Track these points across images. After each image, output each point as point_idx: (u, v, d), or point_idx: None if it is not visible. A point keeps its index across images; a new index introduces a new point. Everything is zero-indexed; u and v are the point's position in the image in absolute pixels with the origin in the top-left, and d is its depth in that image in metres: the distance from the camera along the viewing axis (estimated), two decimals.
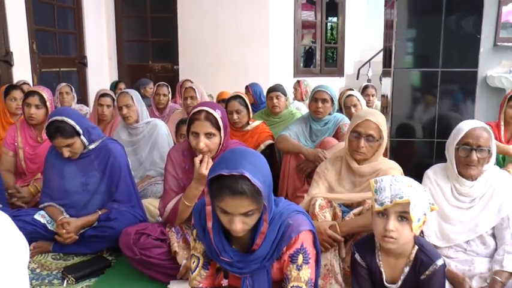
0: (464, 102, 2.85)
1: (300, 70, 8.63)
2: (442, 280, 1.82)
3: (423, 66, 2.84)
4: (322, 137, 3.65)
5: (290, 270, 1.72)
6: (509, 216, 2.28)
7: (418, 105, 2.89)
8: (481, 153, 2.28)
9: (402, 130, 2.92)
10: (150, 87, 6.53)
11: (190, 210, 2.42)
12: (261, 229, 1.68)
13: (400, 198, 1.70)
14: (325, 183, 2.54)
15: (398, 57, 2.85)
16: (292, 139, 3.61)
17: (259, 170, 1.59)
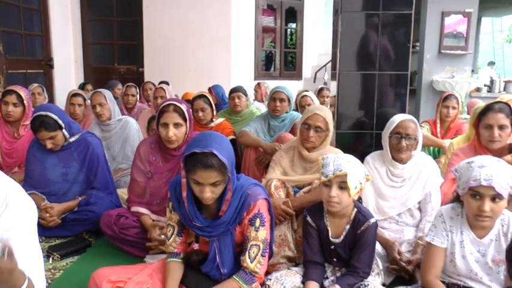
0: (397, 100, 3.35)
1: (261, 73, 9.00)
2: (373, 234, 2.28)
3: (363, 69, 3.33)
4: (280, 132, 4.06)
5: (250, 232, 2.13)
6: (431, 192, 2.78)
7: (359, 102, 3.38)
8: (409, 141, 2.76)
9: (346, 123, 3.41)
10: (118, 88, 6.80)
11: None
12: (226, 197, 2.08)
13: (339, 171, 2.15)
14: (280, 168, 2.95)
15: (342, 62, 3.32)
16: (252, 134, 4.01)
17: (224, 148, 2.00)
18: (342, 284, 2.19)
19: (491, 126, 2.80)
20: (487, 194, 1.95)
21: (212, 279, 2.21)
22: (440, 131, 4.62)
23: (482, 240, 2.10)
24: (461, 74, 7.71)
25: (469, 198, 2.02)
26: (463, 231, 2.13)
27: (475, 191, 1.97)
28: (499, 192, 1.91)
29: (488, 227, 2.07)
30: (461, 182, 2.05)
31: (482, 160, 2.00)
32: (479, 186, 1.94)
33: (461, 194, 2.08)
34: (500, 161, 2.02)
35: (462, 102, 4.82)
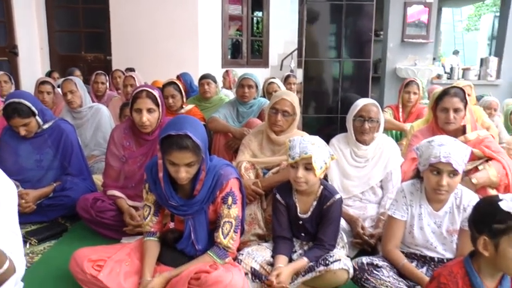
0: (361, 85, 3.53)
1: (228, 61, 9.05)
2: (338, 209, 2.46)
3: (328, 56, 3.49)
4: (248, 118, 4.20)
5: (222, 210, 2.27)
6: (392, 171, 2.99)
7: (324, 87, 3.55)
8: (372, 123, 2.95)
9: (312, 108, 3.57)
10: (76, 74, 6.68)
11: None
12: (200, 177, 2.21)
13: (305, 153, 2.30)
14: (250, 151, 3.09)
15: (308, 49, 3.47)
16: (222, 120, 4.13)
17: (198, 131, 2.12)
18: (309, 257, 2.35)
19: (447, 110, 2.98)
20: (445, 169, 2.14)
21: (187, 256, 2.33)
22: (402, 116, 4.84)
23: (438, 212, 2.29)
24: (423, 62, 8.00)
25: (429, 173, 2.21)
26: (422, 204, 2.32)
27: (435, 167, 2.16)
28: (456, 169, 2.11)
29: (444, 200, 2.27)
30: (422, 159, 2.24)
31: (441, 139, 2.19)
32: (438, 162, 2.13)
33: (421, 170, 2.27)
34: (456, 141, 2.22)
35: (423, 88, 5.05)
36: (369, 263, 2.27)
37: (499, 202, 1.61)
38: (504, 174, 2.83)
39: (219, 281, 2.05)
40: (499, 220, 1.60)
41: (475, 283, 1.70)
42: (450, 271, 1.76)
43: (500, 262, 1.64)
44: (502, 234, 1.60)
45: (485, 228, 1.65)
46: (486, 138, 3.01)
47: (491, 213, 1.64)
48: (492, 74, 8.85)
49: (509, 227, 1.58)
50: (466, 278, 1.72)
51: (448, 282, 1.73)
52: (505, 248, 1.60)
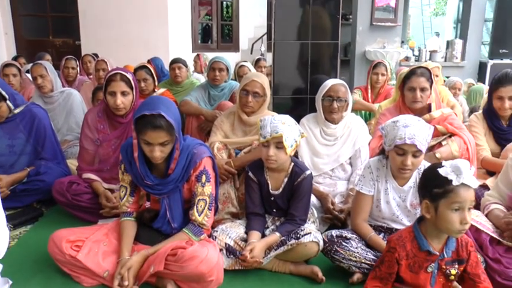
0: (329, 66, 3.62)
1: (198, 45, 9.06)
2: (309, 185, 2.55)
3: (297, 39, 3.57)
4: (220, 101, 4.25)
5: (197, 188, 2.34)
6: (360, 149, 3.11)
7: (294, 69, 3.63)
8: (340, 103, 3.04)
9: (283, 89, 3.65)
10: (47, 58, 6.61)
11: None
12: (174, 156, 2.27)
13: (276, 133, 2.38)
14: (222, 132, 3.16)
15: (277, 32, 3.54)
16: (194, 103, 4.18)
17: (171, 111, 2.19)
18: (281, 232, 2.44)
19: (414, 89, 3.08)
20: (409, 150, 2.24)
21: (164, 234, 2.40)
22: (371, 96, 4.97)
23: (403, 187, 2.40)
24: (391, 45, 8.16)
25: (394, 154, 2.31)
26: (387, 180, 2.43)
27: (400, 148, 2.26)
28: (420, 149, 2.22)
29: (409, 177, 2.39)
30: (387, 140, 2.33)
31: (406, 120, 2.28)
32: (403, 144, 2.22)
33: (387, 149, 2.36)
34: (420, 121, 2.31)
35: (391, 69, 5.18)
36: (338, 236, 2.38)
37: (439, 169, 1.76)
38: (465, 149, 2.97)
39: (195, 256, 2.13)
40: (438, 185, 1.77)
41: (422, 245, 1.85)
42: (399, 236, 1.92)
43: (440, 223, 1.80)
44: (441, 197, 1.76)
45: (427, 193, 1.82)
46: (450, 115, 3.13)
47: (432, 178, 1.80)
48: (457, 56, 9.09)
49: (446, 191, 1.74)
50: (414, 242, 1.87)
51: (396, 246, 1.88)
52: (443, 210, 1.77)
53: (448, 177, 1.73)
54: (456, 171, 1.73)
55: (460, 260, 1.88)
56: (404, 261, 1.88)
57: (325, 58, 3.62)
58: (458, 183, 1.72)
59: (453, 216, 1.75)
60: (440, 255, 1.86)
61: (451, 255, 1.87)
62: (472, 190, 1.75)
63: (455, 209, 1.75)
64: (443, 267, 1.87)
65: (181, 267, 2.14)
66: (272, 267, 2.46)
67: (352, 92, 4.94)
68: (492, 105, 3.30)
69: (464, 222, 1.75)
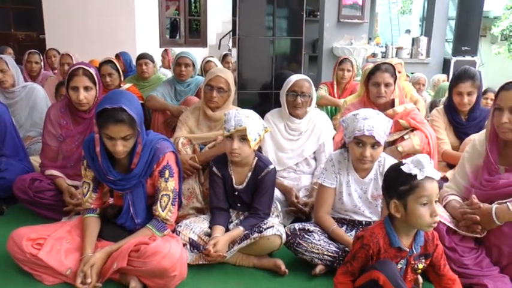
0: (294, 62, 3.66)
1: (166, 41, 8.99)
2: (272, 179, 2.58)
3: (261, 34, 3.59)
4: (186, 96, 4.23)
5: (160, 183, 2.32)
6: (324, 143, 3.16)
7: (259, 64, 3.65)
8: (304, 98, 3.08)
9: (248, 85, 3.67)
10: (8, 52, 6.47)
11: None
12: (136, 150, 2.25)
13: (240, 126, 2.40)
14: (187, 128, 3.15)
15: (242, 28, 3.55)
16: (160, 98, 4.15)
17: (133, 104, 2.17)
18: (244, 226, 2.46)
19: (378, 84, 3.13)
20: (368, 142, 2.30)
21: (128, 230, 2.38)
22: (337, 92, 5.01)
23: (364, 179, 2.45)
24: (358, 41, 8.26)
25: (353, 145, 2.36)
26: (349, 172, 2.48)
27: (359, 139, 2.31)
28: (378, 140, 2.27)
29: (369, 168, 2.43)
30: (347, 132, 2.38)
31: (365, 113, 2.34)
32: (362, 135, 2.28)
33: (347, 142, 2.42)
34: (379, 114, 2.38)
35: (357, 65, 5.25)
36: (300, 229, 2.41)
37: (401, 166, 1.80)
38: (426, 143, 3.05)
39: (158, 251, 2.13)
40: (403, 182, 1.79)
41: (394, 241, 1.87)
42: (372, 232, 1.92)
43: (411, 220, 1.82)
44: (408, 194, 1.78)
45: (393, 192, 1.83)
46: (412, 110, 3.20)
47: (396, 177, 1.82)
48: (423, 53, 9.28)
49: (413, 186, 1.77)
50: (386, 238, 1.89)
51: (370, 242, 1.89)
52: (412, 206, 1.79)
53: (412, 173, 1.76)
54: (419, 166, 1.76)
55: (426, 255, 1.92)
56: (375, 258, 1.90)
57: (290, 54, 3.66)
58: (422, 177, 1.75)
59: (423, 211, 1.78)
60: (410, 251, 1.90)
61: (419, 250, 1.91)
62: (436, 182, 1.79)
63: (424, 203, 1.77)
64: (412, 262, 1.91)
65: (144, 263, 2.13)
66: (236, 261, 2.48)
67: (318, 88, 4.99)
68: (452, 100, 3.39)
69: (434, 214, 1.78)
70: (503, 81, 2.36)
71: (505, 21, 13.21)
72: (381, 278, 1.76)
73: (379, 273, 1.77)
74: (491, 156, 2.37)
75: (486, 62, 12.73)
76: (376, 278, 1.77)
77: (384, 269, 1.78)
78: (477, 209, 2.24)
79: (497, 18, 13.87)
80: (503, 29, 13.25)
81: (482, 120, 3.29)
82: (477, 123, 3.33)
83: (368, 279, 1.82)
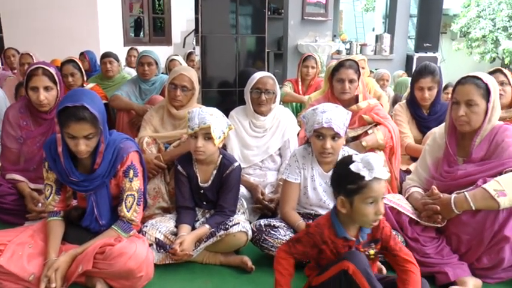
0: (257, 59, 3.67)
1: (130, 39, 8.88)
2: (237, 176, 2.60)
3: (224, 32, 3.59)
4: (151, 95, 4.20)
5: (124, 183, 2.30)
6: (289, 139, 3.19)
7: (222, 62, 3.65)
8: (268, 95, 3.10)
9: (212, 82, 3.66)
10: None
11: None
12: (99, 149, 2.22)
13: (204, 124, 2.40)
14: (151, 127, 3.13)
15: (204, 26, 3.54)
16: (124, 98, 4.10)
17: (95, 103, 2.14)
18: (210, 223, 2.47)
19: (342, 80, 3.16)
20: (328, 134, 2.33)
21: (93, 232, 2.34)
22: (302, 89, 5.06)
23: (328, 173, 2.48)
24: (323, 39, 8.34)
25: (314, 139, 2.40)
26: (313, 167, 2.51)
27: (319, 132, 2.35)
28: (337, 132, 2.31)
29: (332, 161, 2.46)
30: (308, 126, 2.42)
31: (324, 106, 2.38)
32: (321, 128, 2.31)
33: (308, 136, 2.45)
34: (338, 107, 2.42)
35: (321, 62, 5.31)
36: (266, 225, 2.43)
37: (350, 166, 1.79)
38: (389, 137, 3.10)
39: (123, 252, 2.11)
40: (351, 181, 1.79)
41: (339, 232, 1.91)
42: (318, 223, 1.97)
43: (355, 217, 1.85)
44: (355, 193, 1.80)
45: (341, 189, 1.85)
46: (375, 106, 3.25)
47: (345, 175, 1.83)
48: (386, 50, 9.45)
49: (360, 186, 1.78)
50: (331, 229, 1.92)
51: (314, 232, 1.93)
52: (358, 205, 1.81)
53: (360, 173, 1.76)
54: (368, 167, 1.76)
55: (375, 240, 1.96)
56: (325, 247, 1.94)
57: (253, 51, 3.68)
58: (370, 178, 1.76)
59: (368, 209, 1.80)
60: (357, 240, 1.93)
61: (366, 238, 1.94)
62: (384, 181, 1.80)
63: (370, 202, 1.80)
64: (362, 250, 1.95)
65: (109, 264, 2.11)
66: (203, 260, 2.48)
67: (283, 85, 5.03)
68: (414, 95, 3.47)
69: (378, 213, 1.81)
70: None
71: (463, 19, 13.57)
72: (351, 267, 1.78)
73: (349, 262, 1.80)
74: (450, 148, 2.46)
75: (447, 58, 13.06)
76: (346, 268, 1.80)
77: (353, 259, 1.81)
78: (437, 199, 2.32)
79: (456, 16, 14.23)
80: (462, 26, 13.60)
81: (443, 114, 3.37)
82: (438, 117, 3.41)
83: (338, 270, 1.84)
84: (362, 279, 1.77)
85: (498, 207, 2.14)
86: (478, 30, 13.10)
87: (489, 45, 13.13)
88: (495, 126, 2.38)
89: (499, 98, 2.43)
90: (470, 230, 2.25)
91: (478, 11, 13.22)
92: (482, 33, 13.03)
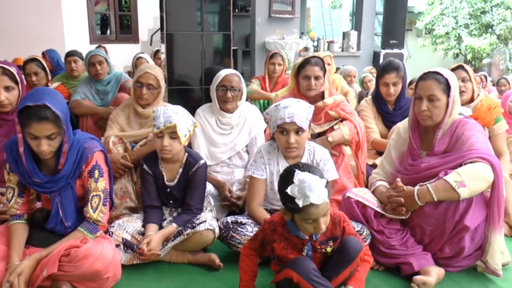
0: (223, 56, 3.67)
1: (96, 37, 8.74)
2: (203, 174, 2.60)
3: (190, 30, 3.57)
4: (108, 95, 4.14)
5: (90, 183, 2.26)
6: (256, 136, 3.20)
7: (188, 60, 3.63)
8: (234, 92, 3.11)
9: (177, 80, 3.64)
10: None
11: None
12: (63, 149, 2.17)
13: (169, 122, 2.39)
14: (118, 126, 3.09)
15: (169, 23, 3.52)
16: (85, 103, 4.02)
17: (57, 101, 2.09)
18: (177, 222, 2.46)
19: (308, 77, 3.18)
20: (291, 128, 2.36)
21: (58, 235, 2.29)
22: (269, 86, 5.06)
23: None
24: (290, 36, 8.39)
25: (278, 134, 2.42)
26: (279, 162, 2.53)
27: (282, 127, 2.38)
28: (300, 126, 2.34)
29: (298, 156, 2.49)
30: (271, 122, 2.45)
31: (286, 102, 2.41)
32: (284, 123, 2.34)
33: (272, 132, 2.48)
34: (300, 101, 2.45)
35: (288, 59, 5.32)
36: (233, 222, 2.44)
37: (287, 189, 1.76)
38: (355, 133, 3.15)
39: (89, 254, 2.08)
40: (289, 201, 1.78)
41: (291, 230, 1.94)
42: (271, 220, 2.00)
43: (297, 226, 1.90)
44: (294, 211, 1.82)
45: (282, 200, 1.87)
46: (341, 102, 3.29)
47: (283, 193, 1.81)
48: (353, 46, 9.56)
49: (297, 209, 1.76)
50: (285, 226, 1.96)
51: (267, 229, 1.97)
52: (298, 221, 1.86)
53: (295, 200, 1.74)
54: (302, 194, 1.73)
55: (334, 238, 1.99)
56: (277, 244, 1.96)
57: (219, 49, 3.67)
58: (306, 204, 1.73)
59: (307, 226, 1.84)
60: (311, 238, 1.95)
61: (319, 237, 1.96)
62: (324, 203, 1.76)
63: (309, 222, 1.81)
64: (318, 247, 1.97)
65: (75, 267, 2.07)
66: (170, 259, 2.48)
67: (250, 82, 5.03)
68: (379, 91, 3.53)
69: (318, 230, 1.82)
70: None
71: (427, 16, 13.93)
72: (295, 276, 1.82)
73: (292, 272, 1.83)
74: (414, 142, 2.51)
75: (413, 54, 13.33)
76: (290, 277, 1.84)
77: (296, 267, 1.84)
78: (401, 192, 2.37)
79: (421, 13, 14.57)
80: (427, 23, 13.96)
81: (407, 109, 3.40)
82: (403, 111, 3.48)
83: (283, 277, 1.89)
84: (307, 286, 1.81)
85: (459, 198, 2.21)
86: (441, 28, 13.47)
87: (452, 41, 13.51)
88: (455, 120, 2.45)
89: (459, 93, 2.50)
90: (433, 221, 2.32)
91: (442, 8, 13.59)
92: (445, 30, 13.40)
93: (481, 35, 12.95)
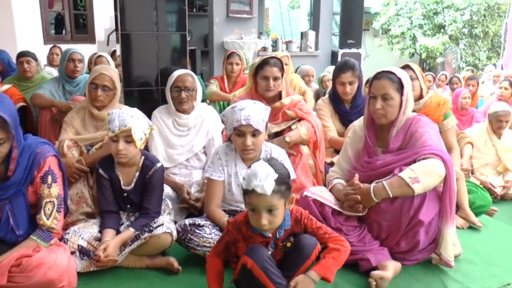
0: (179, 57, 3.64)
1: (51, 37, 8.52)
2: (160, 177, 2.57)
3: (144, 30, 3.51)
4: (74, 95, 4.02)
5: (43, 190, 2.18)
6: (213, 137, 3.18)
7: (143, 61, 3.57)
8: (188, 92, 3.10)
9: (133, 81, 3.57)
10: None
11: None
12: (12, 155, 2.09)
13: (124, 126, 2.35)
14: (72, 129, 3.00)
15: (123, 23, 3.45)
16: (46, 95, 3.92)
17: (5, 106, 2.01)
18: (135, 226, 2.42)
19: (267, 78, 3.18)
20: (247, 131, 2.36)
21: (8, 244, 2.20)
22: (228, 86, 5.05)
23: None
24: (248, 36, 8.38)
25: (235, 136, 2.42)
26: (237, 163, 2.54)
27: (238, 130, 2.38)
28: (257, 128, 2.34)
29: (255, 157, 2.49)
30: (228, 125, 2.45)
31: (242, 104, 2.41)
32: (240, 125, 2.34)
33: (228, 134, 2.48)
34: (256, 103, 2.45)
35: (246, 59, 5.32)
36: (191, 224, 2.43)
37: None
38: (313, 132, 3.18)
39: (42, 262, 2.03)
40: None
41: (254, 229, 1.96)
42: (235, 220, 2.02)
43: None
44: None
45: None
46: (299, 101, 3.31)
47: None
48: (311, 46, 9.64)
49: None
50: (248, 225, 1.97)
51: (232, 229, 1.99)
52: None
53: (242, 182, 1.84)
54: (248, 178, 1.81)
55: (294, 234, 2.01)
56: (242, 243, 1.97)
57: (175, 49, 3.63)
58: (249, 188, 1.80)
59: (251, 214, 1.87)
60: (274, 236, 1.97)
61: (283, 234, 1.98)
62: (267, 196, 1.79)
63: (251, 209, 1.85)
64: (280, 244, 1.99)
65: (27, 277, 2.01)
66: (128, 264, 2.44)
67: (209, 83, 5.00)
68: (336, 90, 3.57)
69: (258, 222, 1.85)
70: None
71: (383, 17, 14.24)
72: (249, 262, 1.85)
73: (248, 258, 1.86)
74: (369, 140, 2.56)
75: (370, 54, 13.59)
76: (244, 263, 1.86)
77: (252, 254, 1.87)
78: (358, 189, 2.41)
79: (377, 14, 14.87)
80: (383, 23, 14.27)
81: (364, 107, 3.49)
82: (359, 110, 3.52)
83: (240, 264, 1.91)
84: (260, 273, 1.84)
85: (413, 193, 2.27)
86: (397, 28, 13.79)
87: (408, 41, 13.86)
88: (409, 118, 2.51)
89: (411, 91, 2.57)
90: (389, 216, 2.38)
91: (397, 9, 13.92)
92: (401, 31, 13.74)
93: (434, 35, 13.31)
